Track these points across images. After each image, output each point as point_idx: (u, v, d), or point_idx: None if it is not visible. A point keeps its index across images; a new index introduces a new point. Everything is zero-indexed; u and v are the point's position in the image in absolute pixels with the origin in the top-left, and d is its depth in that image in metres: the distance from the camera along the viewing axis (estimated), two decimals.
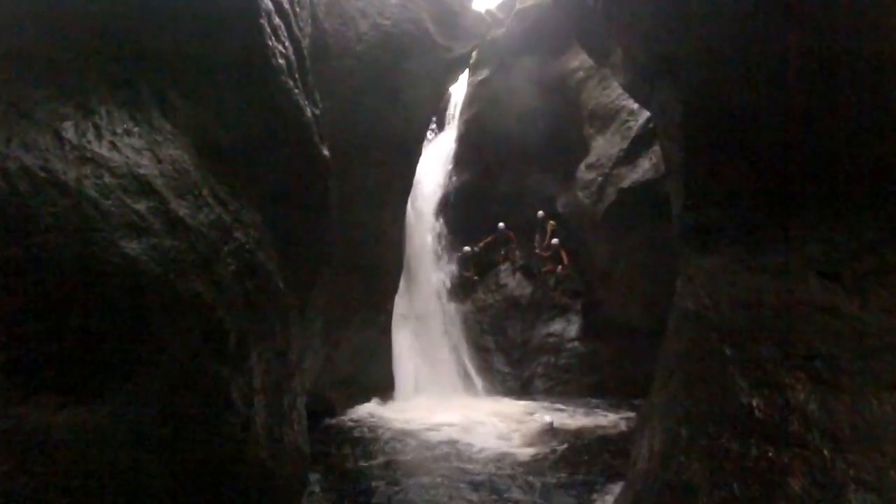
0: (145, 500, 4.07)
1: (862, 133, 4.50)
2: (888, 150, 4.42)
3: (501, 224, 15.85)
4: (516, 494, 7.18)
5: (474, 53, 15.33)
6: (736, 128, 5.16)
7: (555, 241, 15.07)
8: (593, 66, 13.41)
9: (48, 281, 3.70)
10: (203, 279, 4.62)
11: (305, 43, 7.19)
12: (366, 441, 9.36)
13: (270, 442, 5.40)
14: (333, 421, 10.48)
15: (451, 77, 14.26)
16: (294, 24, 6.76)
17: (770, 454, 3.82)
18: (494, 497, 7.09)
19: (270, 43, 6.01)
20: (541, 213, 15.53)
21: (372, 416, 11.13)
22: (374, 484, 7.36)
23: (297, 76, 6.59)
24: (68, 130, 4.05)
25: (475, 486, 7.34)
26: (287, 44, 6.43)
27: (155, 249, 4.27)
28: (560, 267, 15.06)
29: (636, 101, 9.29)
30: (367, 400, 11.91)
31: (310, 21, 7.74)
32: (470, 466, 8.20)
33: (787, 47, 4.64)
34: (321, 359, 9.53)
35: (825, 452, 3.61)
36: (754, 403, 4.11)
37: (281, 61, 6.20)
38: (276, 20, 6.23)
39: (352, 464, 8.21)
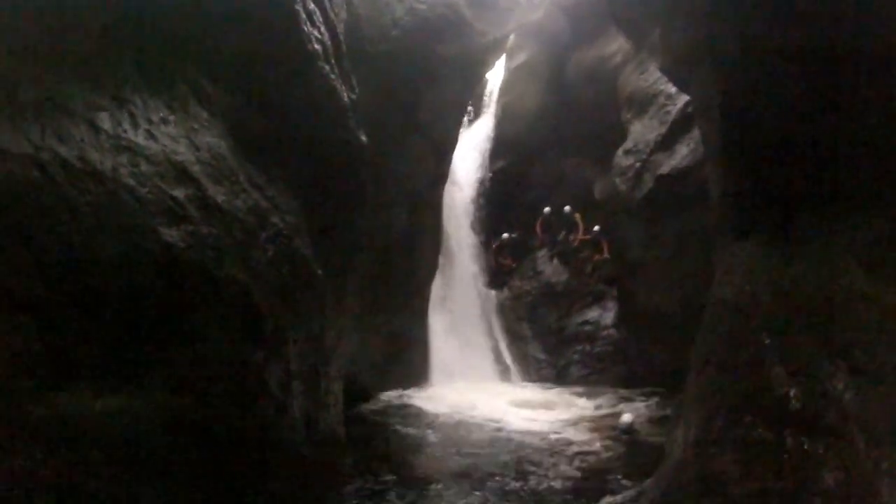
0: (180, 484, 4.13)
1: None
2: None
3: (547, 209, 15.72)
4: None
5: (511, 38, 15.20)
6: (775, 112, 5.00)
7: (596, 228, 14.91)
8: (631, 50, 13.19)
9: (86, 269, 3.73)
10: (240, 265, 4.68)
11: (340, 28, 7.18)
12: (401, 429, 9.30)
13: (306, 426, 5.48)
14: (367, 406, 10.49)
15: (488, 62, 14.17)
16: (329, 9, 6.75)
17: (805, 446, 3.74)
18: None
19: (306, 28, 6.02)
20: (567, 207, 15.37)
21: (406, 402, 11.05)
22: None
23: (332, 61, 6.59)
24: (104, 121, 4.07)
25: None
26: (322, 29, 6.43)
27: (192, 236, 4.31)
28: (598, 255, 14.93)
29: (674, 84, 9.10)
30: (402, 386, 11.94)
31: (344, 6, 7.73)
32: None
33: (828, 32, 4.50)
34: (356, 344, 9.62)
35: (860, 445, 3.52)
36: (791, 393, 4.02)
37: (317, 47, 6.20)
38: (311, 5, 6.24)
39: (383, 449, 8.12)
